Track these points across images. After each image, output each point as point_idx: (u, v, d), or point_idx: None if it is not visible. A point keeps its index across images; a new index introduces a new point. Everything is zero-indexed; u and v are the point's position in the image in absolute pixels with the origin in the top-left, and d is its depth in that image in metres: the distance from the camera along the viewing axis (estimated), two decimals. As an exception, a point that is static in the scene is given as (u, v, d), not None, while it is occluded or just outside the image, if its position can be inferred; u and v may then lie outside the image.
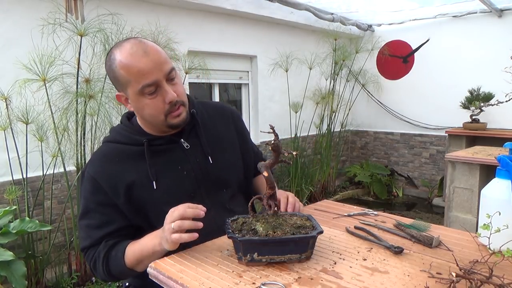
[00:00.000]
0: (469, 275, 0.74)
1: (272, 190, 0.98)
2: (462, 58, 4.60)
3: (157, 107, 1.02)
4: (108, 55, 1.03)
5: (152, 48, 1.00)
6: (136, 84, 0.99)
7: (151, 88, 0.99)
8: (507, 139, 3.57)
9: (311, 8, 4.18)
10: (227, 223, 0.97)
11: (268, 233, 0.90)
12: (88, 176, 1.06)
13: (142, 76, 0.98)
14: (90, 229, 1.05)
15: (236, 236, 0.88)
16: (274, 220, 0.95)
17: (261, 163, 0.98)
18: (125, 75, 0.99)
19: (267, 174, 0.96)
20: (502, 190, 0.96)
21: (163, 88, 1.01)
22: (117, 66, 0.99)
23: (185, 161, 1.10)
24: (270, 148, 0.96)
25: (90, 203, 1.06)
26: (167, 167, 1.08)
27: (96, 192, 1.05)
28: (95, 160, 1.09)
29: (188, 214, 0.91)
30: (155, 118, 1.04)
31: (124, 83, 1.01)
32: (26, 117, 2.38)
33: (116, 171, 1.05)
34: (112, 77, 1.03)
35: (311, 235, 0.89)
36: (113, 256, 1.02)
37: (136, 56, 0.98)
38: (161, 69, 1.00)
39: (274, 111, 4.47)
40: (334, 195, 4.98)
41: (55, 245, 2.66)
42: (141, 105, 1.03)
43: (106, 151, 1.10)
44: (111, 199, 1.04)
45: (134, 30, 2.87)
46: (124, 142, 1.09)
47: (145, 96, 1.01)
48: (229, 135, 1.23)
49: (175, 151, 1.11)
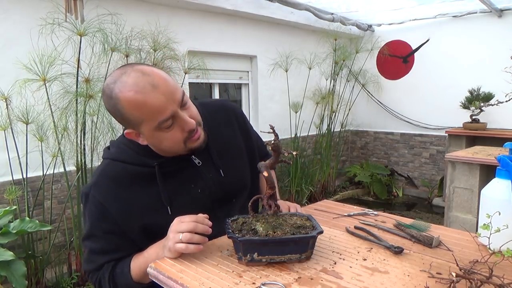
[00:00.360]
0: (469, 275, 0.74)
1: (272, 190, 0.98)
2: (462, 58, 4.60)
3: (176, 138, 0.96)
4: (107, 93, 0.92)
5: (159, 78, 0.91)
6: (151, 122, 0.91)
7: (168, 122, 0.92)
8: (507, 139, 3.57)
9: (311, 8, 4.18)
10: (227, 223, 0.97)
11: (268, 233, 0.90)
12: (94, 200, 0.98)
13: (157, 113, 0.90)
14: (94, 253, 1.02)
15: (236, 236, 0.88)
16: (274, 220, 0.95)
17: (261, 163, 0.98)
18: (136, 115, 0.90)
19: (267, 174, 0.96)
20: (502, 190, 0.96)
21: (180, 118, 0.94)
22: (125, 107, 0.90)
23: (198, 179, 1.06)
24: (270, 148, 0.96)
25: (95, 229, 1.00)
26: (180, 188, 1.03)
27: (103, 219, 0.98)
28: (101, 183, 1.00)
29: (199, 230, 0.91)
30: (174, 148, 0.98)
31: (137, 123, 0.93)
32: (26, 117, 2.38)
33: (127, 197, 0.98)
34: (119, 117, 0.93)
35: (311, 235, 0.89)
36: (118, 274, 1.00)
37: (145, 92, 0.88)
38: (174, 100, 0.92)
39: (274, 111, 4.47)
40: (334, 195, 4.98)
41: (55, 245, 2.66)
42: (158, 140, 0.96)
43: (113, 173, 1.01)
44: (120, 227, 0.98)
45: (134, 30, 2.87)
46: (132, 163, 1.01)
47: (162, 131, 0.93)
48: (235, 139, 1.19)
49: (187, 169, 1.05)
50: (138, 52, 2.89)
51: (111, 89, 0.91)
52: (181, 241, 0.89)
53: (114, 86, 0.90)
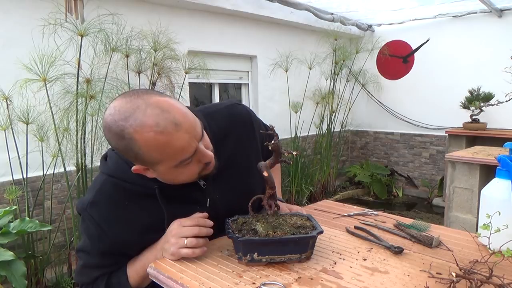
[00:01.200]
0: (469, 275, 0.74)
1: (272, 190, 0.98)
2: (462, 58, 4.60)
3: (192, 172, 0.89)
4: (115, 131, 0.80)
5: (180, 115, 0.81)
6: (171, 162, 0.84)
7: (189, 160, 0.85)
8: (507, 139, 3.57)
9: (311, 8, 4.18)
10: (227, 223, 0.97)
11: (268, 233, 0.90)
12: (91, 220, 0.93)
13: (179, 153, 0.83)
14: (88, 268, 0.99)
15: (236, 236, 0.88)
16: (274, 220, 0.95)
17: (261, 163, 0.98)
18: (155, 156, 0.82)
19: (267, 174, 0.96)
20: (502, 190, 0.96)
21: (200, 152, 0.86)
22: (142, 147, 0.80)
23: (203, 201, 1.00)
24: (270, 148, 0.96)
25: (91, 246, 0.95)
26: (184, 212, 0.95)
27: (99, 239, 0.93)
28: (99, 203, 0.93)
29: (203, 234, 0.91)
30: (189, 181, 0.92)
31: (153, 162, 0.84)
32: (27, 117, 2.38)
33: (126, 218, 0.93)
34: (132, 157, 0.84)
35: (311, 235, 0.89)
36: (115, 284, 0.98)
37: (168, 133, 0.79)
38: (196, 136, 0.84)
39: (274, 111, 4.47)
40: (334, 195, 4.98)
41: (55, 245, 2.66)
42: (173, 175, 0.89)
43: (111, 192, 0.94)
44: (117, 248, 0.95)
45: (134, 30, 2.88)
46: (132, 183, 0.94)
47: (180, 166, 0.86)
48: (245, 152, 1.09)
49: (191, 192, 0.98)
50: (139, 52, 2.89)
51: (122, 128, 0.79)
52: (186, 247, 0.89)
53: (126, 124, 0.78)
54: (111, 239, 0.93)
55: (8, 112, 2.35)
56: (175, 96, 3.14)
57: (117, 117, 0.79)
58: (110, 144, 0.86)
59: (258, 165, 0.97)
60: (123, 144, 0.81)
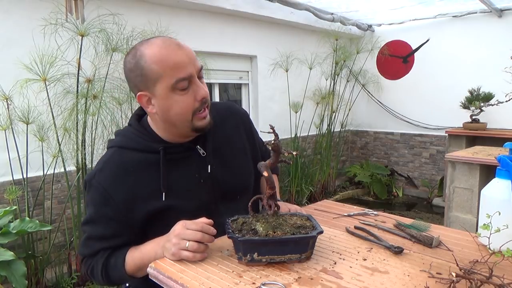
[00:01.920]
0: (469, 275, 0.74)
1: (272, 190, 0.98)
2: (462, 58, 4.60)
3: (187, 104, 0.96)
4: (132, 53, 0.97)
5: (184, 44, 0.97)
6: (169, 78, 0.93)
7: (184, 83, 0.94)
8: (507, 139, 3.57)
9: (311, 8, 4.18)
10: (227, 223, 0.97)
11: (268, 233, 0.90)
12: (98, 186, 0.98)
13: (177, 69, 0.93)
14: (92, 239, 1.02)
15: (236, 236, 0.88)
16: (274, 220, 0.95)
17: (261, 163, 0.98)
18: (157, 69, 0.92)
19: (267, 174, 0.96)
20: (502, 190, 0.96)
21: (195, 84, 0.97)
22: (147, 61, 0.93)
23: (202, 169, 1.06)
24: (270, 148, 0.96)
25: (96, 214, 1.00)
26: (184, 176, 1.03)
27: (105, 205, 0.98)
28: (106, 170, 1.00)
29: (205, 240, 0.91)
30: (182, 117, 0.98)
31: (154, 79, 0.93)
32: (27, 117, 2.38)
33: (132, 184, 0.99)
34: (139, 74, 0.95)
35: (311, 235, 0.89)
36: (112, 264, 1.00)
37: (171, 49, 0.94)
38: (194, 64, 0.97)
39: (274, 111, 4.47)
40: (334, 195, 4.98)
41: (55, 245, 2.66)
42: (169, 102, 0.96)
43: (118, 160, 1.01)
44: (121, 213, 0.98)
45: (135, 30, 2.87)
46: (139, 149, 1.02)
47: (176, 92, 0.95)
48: (240, 138, 1.20)
49: (192, 158, 1.06)
50: (139, 52, 2.89)
51: (137, 49, 0.96)
52: (187, 249, 0.89)
53: (140, 46, 0.96)
54: (116, 203, 0.97)
55: (9, 112, 2.35)
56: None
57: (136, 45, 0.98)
58: (125, 68, 0.99)
59: (258, 165, 0.97)
60: (133, 62, 0.95)
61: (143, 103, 0.99)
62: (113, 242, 1.01)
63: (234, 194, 1.13)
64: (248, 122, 1.25)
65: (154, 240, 0.98)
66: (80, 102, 2.47)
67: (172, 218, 0.97)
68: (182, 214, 0.98)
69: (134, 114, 1.11)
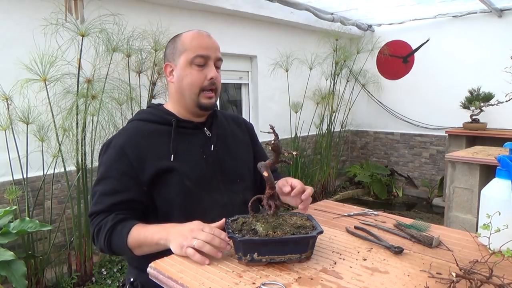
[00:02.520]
0: (469, 275, 0.74)
1: (272, 190, 0.98)
2: (462, 58, 4.60)
3: (198, 78, 1.14)
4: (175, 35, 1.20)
5: (213, 38, 1.19)
6: (191, 52, 1.13)
7: (201, 60, 1.13)
8: (507, 139, 3.57)
9: (311, 8, 4.18)
10: (227, 223, 0.97)
11: (268, 233, 0.90)
12: (114, 145, 1.11)
13: (199, 47, 1.13)
14: (104, 195, 1.08)
15: (236, 236, 0.88)
16: (274, 220, 0.95)
17: (261, 163, 0.98)
18: (185, 43, 1.14)
19: (267, 175, 0.96)
20: (502, 190, 0.97)
21: (209, 66, 1.15)
22: (182, 38, 1.16)
23: (206, 147, 1.19)
24: (270, 148, 0.96)
25: (110, 169, 1.10)
26: (189, 148, 1.17)
27: (120, 160, 1.09)
28: (124, 133, 1.15)
29: (215, 243, 0.90)
30: (191, 89, 1.14)
31: (180, 51, 1.14)
32: (27, 117, 2.38)
33: (145, 146, 1.12)
34: (172, 47, 1.18)
35: (311, 235, 0.89)
36: (118, 231, 1.04)
37: (201, 35, 1.16)
38: (215, 52, 1.16)
39: (274, 111, 4.47)
40: (334, 195, 4.98)
41: (55, 245, 2.66)
42: (185, 73, 1.14)
43: (136, 127, 1.17)
44: (134, 170, 1.08)
45: (136, 31, 2.88)
46: (154, 121, 1.18)
47: (193, 67, 1.13)
48: (243, 137, 1.34)
49: (199, 136, 1.20)
50: (139, 52, 2.89)
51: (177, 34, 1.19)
52: (193, 247, 0.90)
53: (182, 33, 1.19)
54: (130, 160, 1.09)
55: (9, 112, 2.35)
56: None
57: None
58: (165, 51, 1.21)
59: (258, 165, 0.97)
60: (172, 39, 1.20)
61: (166, 72, 1.20)
62: (124, 195, 1.08)
63: (234, 176, 1.22)
64: (251, 129, 1.40)
65: (163, 225, 1.01)
66: (81, 102, 2.47)
67: (176, 181, 1.10)
68: (185, 179, 1.11)
69: (153, 103, 1.29)
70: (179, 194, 1.10)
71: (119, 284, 2.62)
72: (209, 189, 1.15)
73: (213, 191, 1.15)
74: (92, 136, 2.61)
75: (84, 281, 2.65)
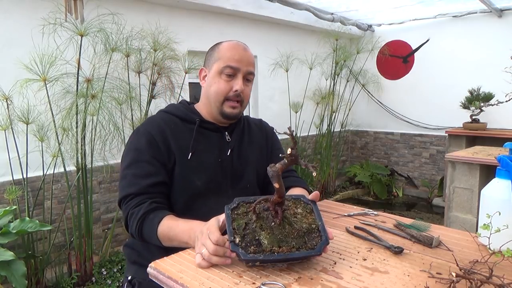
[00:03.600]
0: (469, 275, 0.74)
1: (281, 199, 0.93)
2: (462, 58, 4.60)
3: (224, 88, 1.20)
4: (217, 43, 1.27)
5: (250, 51, 1.25)
6: (222, 62, 1.20)
7: (230, 71, 1.19)
8: (507, 139, 3.57)
9: (311, 8, 4.17)
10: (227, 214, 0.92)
11: (273, 248, 0.86)
12: (145, 131, 1.19)
13: (232, 59, 1.20)
14: (137, 177, 1.13)
15: (240, 252, 0.85)
16: (279, 232, 0.90)
17: (272, 169, 0.88)
18: (220, 52, 1.22)
19: (278, 186, 0.89)
20: (502, 190, 0.97)
21: (238, 79, 1.20)
22: (220, 47, 1.23)
23: (224, 150, 1.25)
24: (287, 160, 0.88)
25: (142, 154, 1.16)
26: (208, 148, 1.23)
27: (151, 146, 1.16)
28: (153, 122, 1.23)
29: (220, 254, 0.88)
30: (217, 96, 1.21)
31: (215, 58, 1.22)
32: (27, 117, 2.38)
33: (170, 137, 1.19)
34: (210, 53, 1.26)
35: (316, 253, 0.87)
36: (150, 219, 1.07)
37: (237, 47, 1.23)
38: (247, 66, 1.22)
39: (274, 111, 4.47)
40: (334, 195, 4.98)
41: (55, 245, 2.66)
42: (213, 81, 1.21)
43: (164, 118, 1.24)
44: (162, 155, 1.16)
45: (135, 30, 2.87)
46: (180, 117, 1.24)
47: (221, 76, 1.20)
48: (261, 141, 1.38)
49: (219, 139, 1.26)
50: (139, 52, 2.89)
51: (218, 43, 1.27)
52: (201, 254, 0.89)
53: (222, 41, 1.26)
54: (159, 147, 1.16)
55: (8, 112, 2.35)
56: (175, 96, 3.14)
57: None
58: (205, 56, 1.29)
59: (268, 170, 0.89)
60: (211, 48, 1.27)
61: (200, 76, 1.29)
62: (157, 178, 1.14)
63: (244, 182, 1.27)
64: (270, 133, 1.43)
65: (191, 223, 1.02)
66: (80, 102, 2.47)
67: (189, 176, 1.17)
68: (196, 179, 1.17)
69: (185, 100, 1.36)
70: (186, 193, 1.16)
71: (119, 284, 2.62)
72: (217, 191, 1.20)
73: (220, 194, 1.19)
74: (92, 136, 2.61)
75: (84, 281, 2.65)
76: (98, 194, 3.02)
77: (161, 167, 1.16)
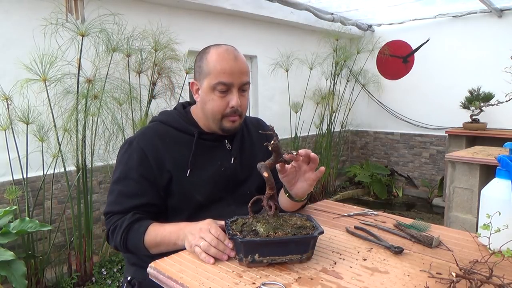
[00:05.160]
0: (469, 275, 0.74)
1: (272, 191, 0.98)
2: (462, 58, 4.60)
3: (219, 106, 1.12)
4: (202, 50, 1.17)
5: (241, 58, 1.14)
6: (214, 78, 1.10)
7: (223, 87, 1.11)
8: (507, 139, 3.57)
9: (311, 8, 4.17)
10: (227, 224, 0.97)
11: (269, 233, 0.90)
12: (137, 146, 1.13)
13: (223, 74, 1.10)
14: (123, 196, 1.11)
15: (237, 237, 0.88)
16: (274, 221, 0.95)
17: (261, 163, 0.98)
18: (209, 64, 1.11)
19: (267, 175, 0.96)
20: (502, 190, 0.97)
21: (232, 94, 1.12)
22: (208, 58, 1.12)
23: (226, 160, 1.21)
24: (270, 148, 0.96)
25: (131, 171, 1.11)
26: (208, 161, 1.18)
27: (141, 163, 1.11)
28: (147, 134, 1.16)
29: (220, 248, 0.91)
30: (213, 114, 1.14)
31: (205, 73, 1.12)
32: (27, 117, 2.38)
33: (165, 152, 1.13)
34: (198, 65, 1.16)
35: (312, 236, 0.89)
36: (135, 229, 1.05)
37: (227, 57, 1.11)
38: (240, 78, 1.12)
39: (274, 111, 4.47)
40: (334, 195, 4.98)
41: (55, 245, 2.66)
42: (208, 98, 1.13)
43: (159, 130, 1.18)
44: (153, 174, 1.11)
45: (136, 30, 2.87)
46: (177, 128, 1.18)
47: (215, 92, 1.12)
48: (262, 147, 1.30)
49: (219, 149, 1.22)
50: (139, 52, 2.89)
51: (209, 47, 1.16)
52: (200, 247, 0.92)
53: (212, 46, 1.15)
54: (150, 164, 1.11)
55: (9, 112, 2.35)
56: (175, 96, 3.15)
57: (211, 45, 1.16)
58: (194, 65, 1.19)
59: (258, 165, 0.97)
60: (201, 54, 1.16)
61: (192, 89, 1.19)
62: (142, 199, 1.10)
63: (245, 189, 1.24)
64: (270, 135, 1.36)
65: (179, 225, 1.02)
66: (81, 103, 2.47)
67: (189, 193, 1.13)
68: (197, 195, 1.13)
69: (181, 103, 1.29)
70: (189, 207, 1.14)
71: (119, 284, 2.62)
72: (218, 200, 1.17)
73: (221, 202, 1.18)
74: (92, 136, 2.61)
75: (84, 281, 2.65)
76: (98, 194, 3.02)
77: (149, 186, 1.11)
